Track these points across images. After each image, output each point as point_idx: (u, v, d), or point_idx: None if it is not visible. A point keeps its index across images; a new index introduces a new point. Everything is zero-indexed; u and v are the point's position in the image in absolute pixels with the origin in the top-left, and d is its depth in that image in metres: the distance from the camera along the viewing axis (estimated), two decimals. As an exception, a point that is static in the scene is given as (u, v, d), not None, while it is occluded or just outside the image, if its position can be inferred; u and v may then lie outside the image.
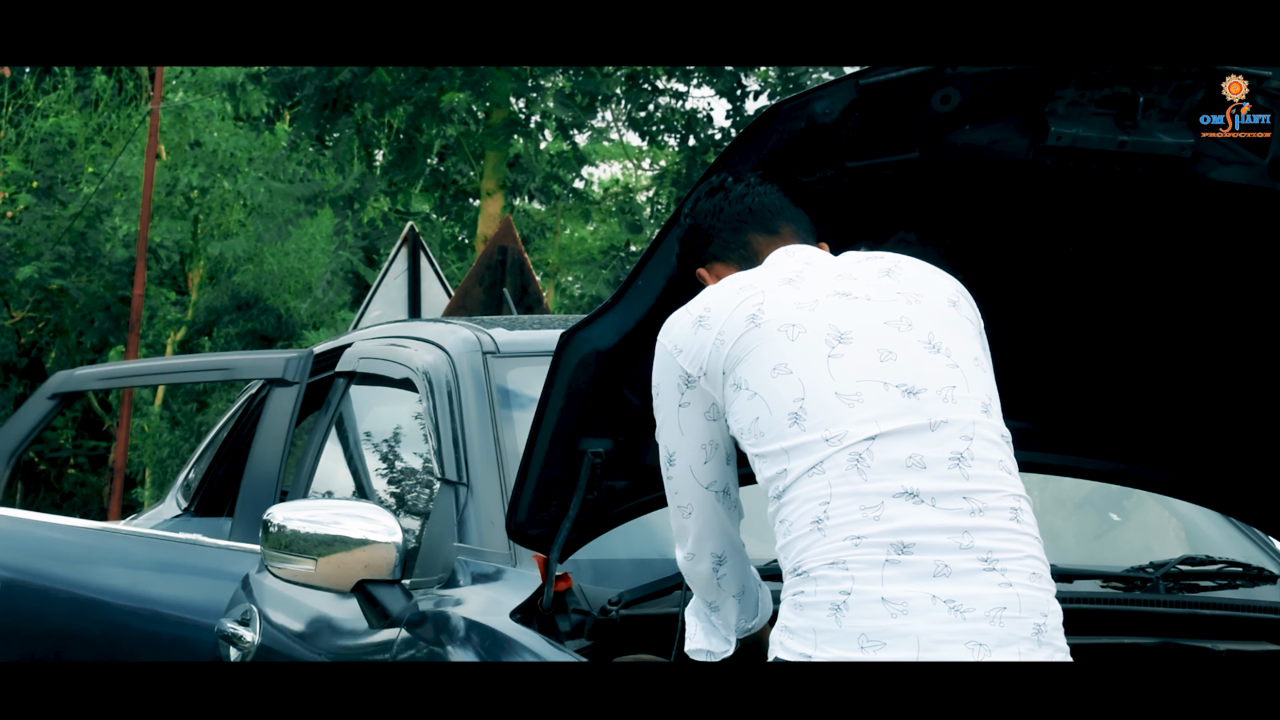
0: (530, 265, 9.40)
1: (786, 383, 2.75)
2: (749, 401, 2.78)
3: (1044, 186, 3.26)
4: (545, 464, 3.24)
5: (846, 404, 2.71)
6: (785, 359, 2.76)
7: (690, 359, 2.88)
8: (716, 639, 3.12)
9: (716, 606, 3.10)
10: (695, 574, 3.05)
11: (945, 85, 3.04)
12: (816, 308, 2.81)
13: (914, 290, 2.87)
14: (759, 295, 2.84)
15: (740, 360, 2.80)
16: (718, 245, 3.04)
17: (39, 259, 20.83)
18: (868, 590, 2.61)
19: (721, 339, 2.83)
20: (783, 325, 2.79)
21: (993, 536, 2.66)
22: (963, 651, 2.58)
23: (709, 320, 2.86)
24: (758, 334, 2.80)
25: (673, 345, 2.91)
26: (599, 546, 3.42)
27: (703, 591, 3.08)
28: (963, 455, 2.70)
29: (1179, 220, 3.37)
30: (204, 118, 20.88)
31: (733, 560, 3.03)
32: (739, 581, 3.07)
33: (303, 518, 3.67)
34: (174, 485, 5.96)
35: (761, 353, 2.78)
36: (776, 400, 2.74)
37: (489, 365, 3.99)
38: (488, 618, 3.34)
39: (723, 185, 3.07)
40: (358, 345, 4.73)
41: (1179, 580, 3.81)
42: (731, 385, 2.81)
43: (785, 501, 2.72)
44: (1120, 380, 3.70)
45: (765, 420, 2.75)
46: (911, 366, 2.76)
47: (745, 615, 3.11)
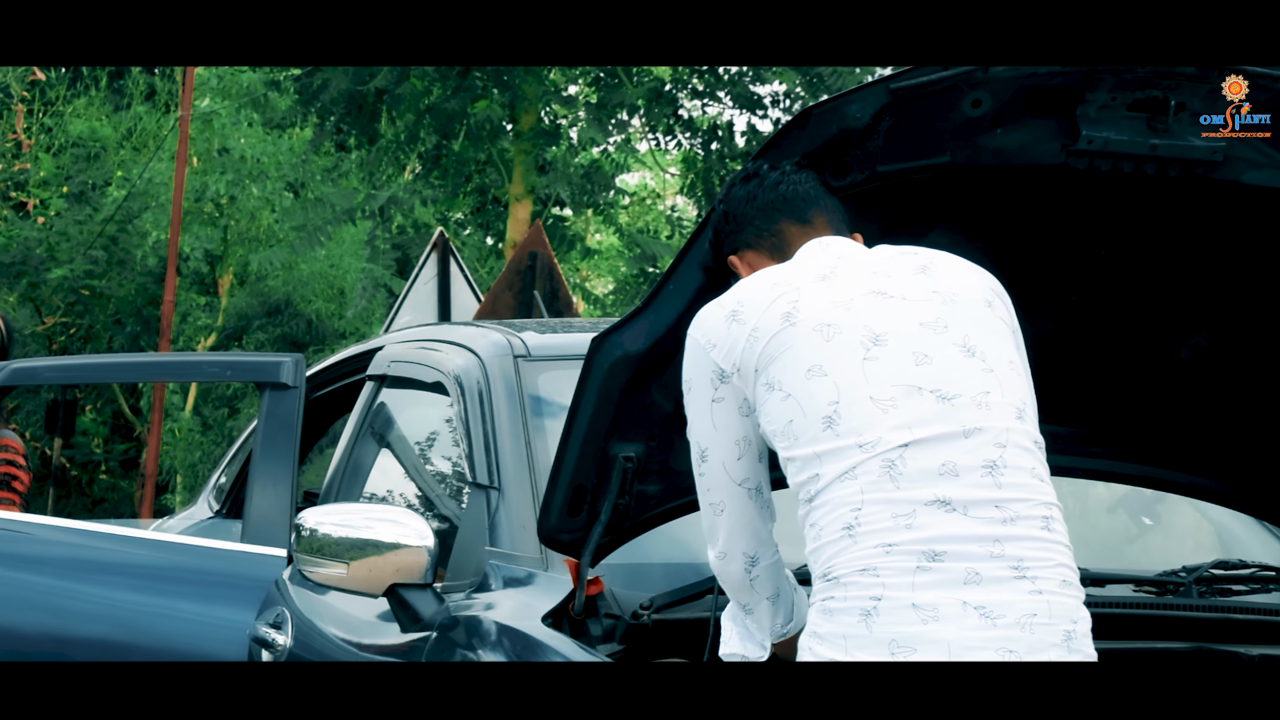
0: (560, 271, 9.41)
1: (821, 385, 2.74)
2: (782, 404, 2.77)
3: (1075, 190, 3.26)
4: (577, 468, 3.23)
5: (881, 409, 2.70)
6: (820, 360, 2.75)
7: (724, 354, 2.86)
8: (751, 644, 3.08)
9: (750, 609, 3.06)
10: (727, 574, 3.01)
11: (977, 89, 3.04)
12: (852, 307, 2.80)
13: (949, 290, 2.86)
14: (794, 292, 2.83)
15: (774, 359, 2.79)
16: (750, 233, 3.03)
17: (70, 263, 20.89)
18: (898, 596, 2.60)
19: (755, 335, 2.81)
20: (818, 325, 2.78)
21: (1024, 545, 2.66)
22: (993, 658, 2.58)
23: (742, 315, 2.85)
24: (792, 333, 2.78)
25: (705, 340, 2.90)
26: (631, 551, 3.42)
27: (735, 593, 3.05)
28: (995, 463, 2.70)
29: (1211, 223, 3.36)
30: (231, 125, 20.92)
31: (765, 561, 2.99)
32: (773, 583, 3.02)
33: (335, 521, 3.68)
34: (205, 488, 5.97)
35: (796, 353, 2.77)
36: (810, 403, 2.74)
37: (520, 369, 3.99)
38: (519, 622, 3.34)
39: (758, 172, 3.05)
40: (389, 349, 4.74)
41: (1211, 585, 3.79)
42: (764, 384, 2.80)
43: (816, 506, 2.72)
44: (1152, 384, 3.69)
45: (799, 423, 2.74)
46: (946, 371, 2.75)
47: (781, 618, 3.06)
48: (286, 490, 4.52)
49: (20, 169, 23.10)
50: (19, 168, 23.10)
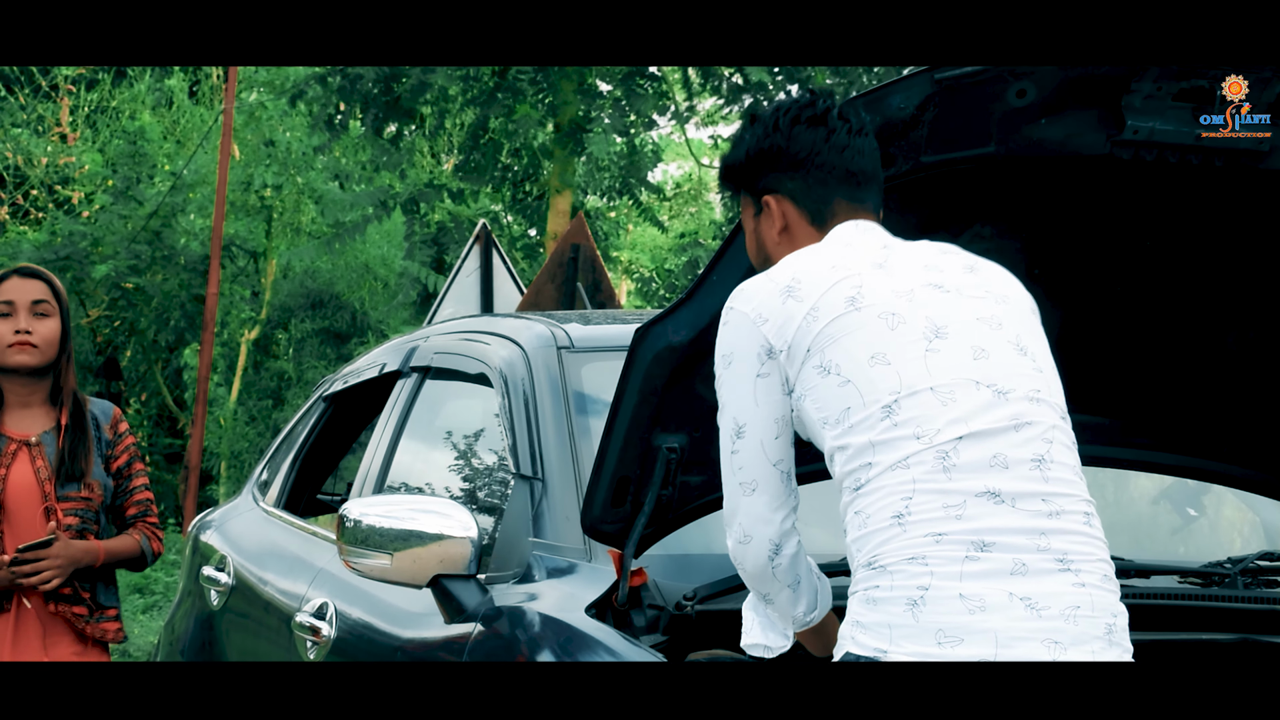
0: (602, 262, 9.41)
1: (883, 374, 2.72)
2: (839, 389, 2.74)
3: (1120, 180, 3.25)
4: (620, 459, 3.23)
5: (940, 402, 2.69)
6: (884, 348, 2.73)
7: (776, 330, 2.80)
8: (774, 634, 3.03)
9: (771, 598, 2.98)
10: (748, 561, 2.91)
11: (1021, 79, 3.03)
12: (913, 297, 2.78)
13: (1000, 291, 2.86)
14: (855, 277, 2.79)
15: (834, 341, 2.75)
16: (799, 185, 2.96)
17: (115, 257, 20.99)
18: (946, 586, 2.60)
19: (814, 315, 2.77)
20: (883, 312, 2.75)
21: (1068, 539, 2.66)
22: (1039, 649, 2.58)
23: (799, 293, 2.79)
24: (858, 318, 2.75)
25: (755, 313, 2.83)
26: (674, 541, 3.42)
27: (755, 581, 2.95)
28: (1043, 458, 2.70)
29: (1257, 213, 3.34)
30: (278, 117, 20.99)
31: (789, 549, 2.90)
32: (794, 570, 2.93)
33: (379, 513, 3.68)
34: (249, 480, 6.00)
35: (860, 338, 2.74)
36: (871, 391, 2.71)
37: (564, 360, 3.99)
38: (563, 613, 3.35)
39: (826, 120, 2.95)
40: (432, 340, 4.75)
41: (1257, 576, 3.78)
42: (816, 367, 2.76)
43: (864, 493, 2.70)
44: (1197, 374, 3.68)
45: (857, 411, 2.72)
46: (1002, 366, 2.75)
47: (804, 606, 2.98)
48: None
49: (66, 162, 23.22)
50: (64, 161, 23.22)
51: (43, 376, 4.74)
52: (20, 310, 4.69)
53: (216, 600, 5.31)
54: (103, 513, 4.74)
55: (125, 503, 4.82)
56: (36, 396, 4.75)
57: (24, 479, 4.65)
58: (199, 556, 5.73)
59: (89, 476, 4.69)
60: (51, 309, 4.73)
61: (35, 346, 4.69)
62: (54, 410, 4.75)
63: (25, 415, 4.75)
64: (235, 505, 5.92)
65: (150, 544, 4.82)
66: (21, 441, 4.69)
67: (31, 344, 4.68)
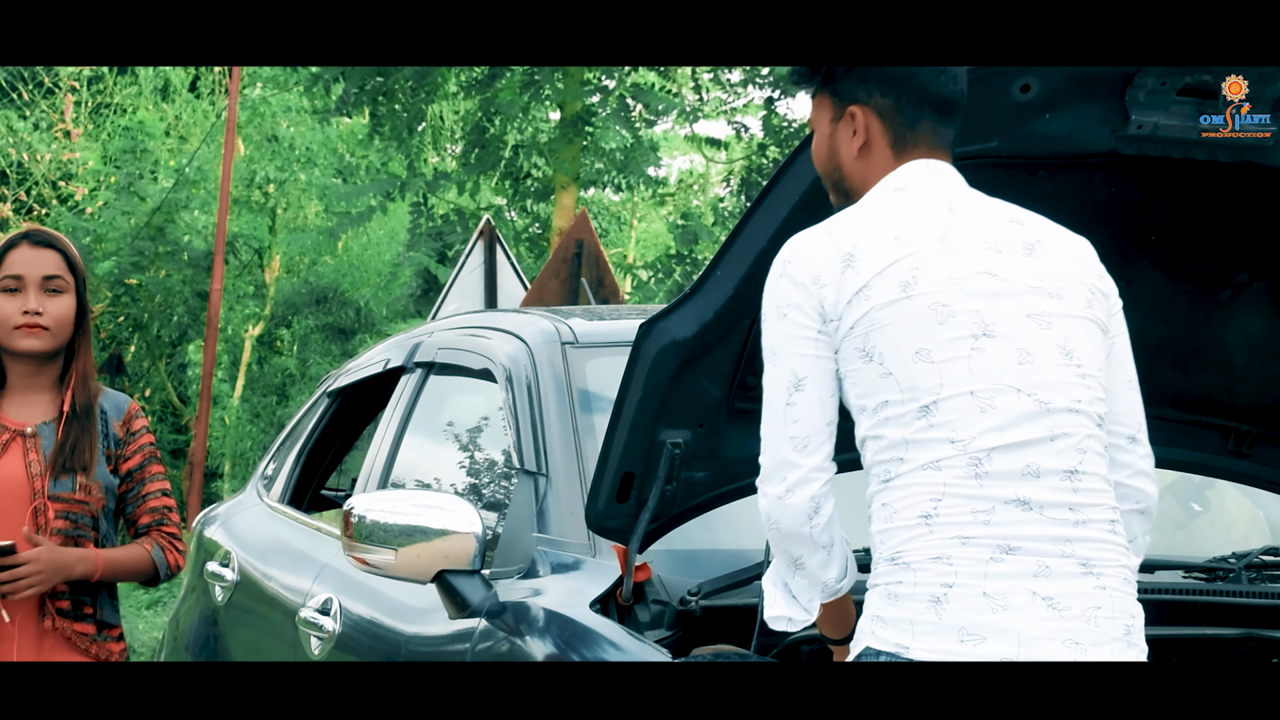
0: (606, 258, 9.41)
1: (925, 372, 2.68)
2: (880, 380, 2.71)
3: (1124, 175, 3.25)
4: (625, 455, 3.23)
5: (980, 408, 2.66)
6: (929, 345, 2.69)
7: (832, 297, 2.74)
8: (797, 607, 2.93)
9: (803, 561, 2.84)
10: (784, 516, 2.78)
11: (1025, 74, 3.02)
12: (965, 283, 2.72)
13: (1056, 283, 2.79)
14: (914, 257, 2.73)
15: (880, 327, 2.70)
16: (890, 105, 2.89)
17: (118, 254, 20.99)
18: (970, 584, 2.59)
19: (866, 293, 2.72)
20: (933, 304, 2.70)
21: (1092, 546, 2.66)
22: (1059, 649, 2.58)
23: (858, 264, 2.73)
24: (908, 307, 2.70)
25: (811, 277, 2.76)
26: (679, 537, 3.42)
27: (790, 540, 2.81)
28: (1076, 470, 2.68)
29: (1262, 208, 3.34)
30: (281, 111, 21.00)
31: (826, 509, 2.79)
32: (829, 531, 2.82)
33: (383, 508, 3.68)
34: (254, 476, 6.00)
35: (908, 330, 2.69)
36: (911, 388, 2.68)
37: (568, 356, 3.99)
38: (567, 608, 3.35)
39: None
40: (437, 335, 4.75)
41: (1262, 571, 3.78)
42: (857, 349, 2.72)
43: (894, 487, 2.69)
44: (1200, 369, 3.68)
45: (895, 406, 2.69)
46: (1045, 373, 2.70)
47: (835, 571, 2.87)
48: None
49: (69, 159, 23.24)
50: (67, 157, 23.24)
51: (52, 358, 4.13)
52: (30, 287, 4.08)
53: (221, 596, 5.31)
54: (104, 518, 4.11)
55: (137, 510, 4.18)
56: (43, 380, 4.14)
57: (13, 473, 4.04)
58: (203, 552, 5.73)
59: (88, 476, 4.07)
60: (66, 284, 4.11)
61: (46, 329, 4.07)
62: (60, 397, 4.14)
63: (26, 401, 4.13)
64: (239, 501, 5.92)
65: (165, 555, 4.16)
66: (16, 431, 4.08)
67: (42, 326, 4.06)
